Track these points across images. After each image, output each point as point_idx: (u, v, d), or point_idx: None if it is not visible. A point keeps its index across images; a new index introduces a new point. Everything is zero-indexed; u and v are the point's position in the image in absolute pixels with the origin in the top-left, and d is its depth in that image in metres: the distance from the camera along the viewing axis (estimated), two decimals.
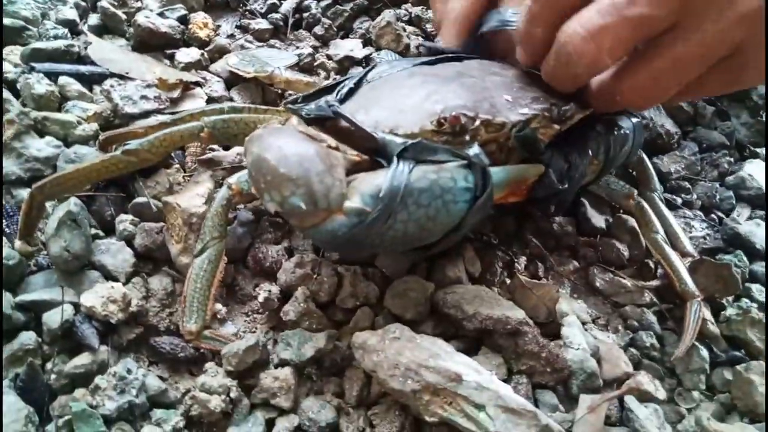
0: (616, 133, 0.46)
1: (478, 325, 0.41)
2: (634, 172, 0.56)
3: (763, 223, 0.54)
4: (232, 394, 0.36)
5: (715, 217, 0.56)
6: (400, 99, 0.42)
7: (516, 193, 0.42)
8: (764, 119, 0.63)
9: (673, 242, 0.50)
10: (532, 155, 0.42)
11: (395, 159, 0.36)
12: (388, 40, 0.64)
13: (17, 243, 0.41)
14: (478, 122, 0.39)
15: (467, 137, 0.40)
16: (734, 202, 0.57)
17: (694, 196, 0.57)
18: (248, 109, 0.48)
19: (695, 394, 0.43)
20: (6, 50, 0.53)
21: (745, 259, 0.51)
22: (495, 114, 0.40)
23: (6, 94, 0.48)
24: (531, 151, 0.42)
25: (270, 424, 0.37)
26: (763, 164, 0.59)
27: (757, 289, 0.49)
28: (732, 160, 0.61)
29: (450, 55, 0.48)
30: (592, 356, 0.42)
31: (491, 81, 0.43)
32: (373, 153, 0.39)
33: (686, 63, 0.36)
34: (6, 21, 0.53)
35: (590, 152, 0.44)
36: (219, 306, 0.42)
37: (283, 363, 0.39)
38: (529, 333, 0.41)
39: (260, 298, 0.41)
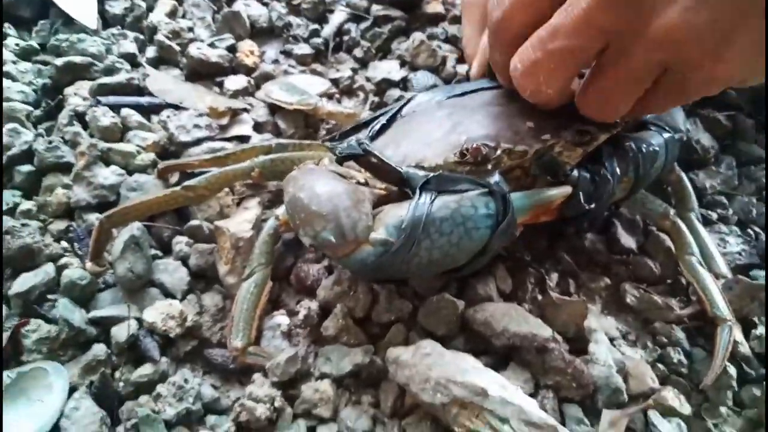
0: (645, 150, 0.47)
1: (506, 342, 0.43)
2: (669, 189, 0.57)
3: None
4: (277, 404, 0.40)
5: (751, 232, 0.56)
6: (428, 132, 0.45)
7: (546, 213, 0.44)
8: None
9: (708, 263, 0.50)
10: (556, 178, 0.43)
11: (417, 191, 0.39)
12: (424, 58, 0.67)
13: (88, 264, 0.46)
14: (499, 151, 0.42)
15: (490, 166, 0.42)
16: None
17: (731, 212, 0.57)
18: (293, 146, 0.51)
19: (722, 409, 0.44)
20: (75, 86, 0.58)
21: None
22: (517, 142, 0.42)
23: (77, 127, 0.53)
24: (554, 174, 0.44)
25: (312, 431, 0.41)
26: None
27: None
28: None
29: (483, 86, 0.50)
30: (618, 372, 0.43)
31: (516, 108, 0.45)
32: (401, 184, 0.42)
33: (623, 82, 0.37)
34: (75, 58, 0.59)
35: (618, 171, 0.45)
36: (283, 318, 0.46)
37: (323, 376, 0.42)
38: (556, 350, 0.43)
39: (301, 315, 0.45)
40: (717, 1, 0.33)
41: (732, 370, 0.45)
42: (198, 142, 0.55)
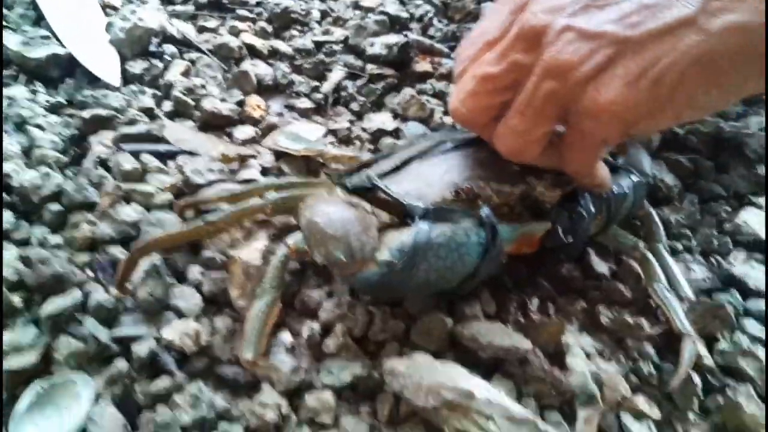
0: (616, 192, 0.53)
1: (491, 354, 0.47)
2: (639, 223, 0.63)
3: (757, 265, 0.59)
4: (283, 410, 0.44)
5: (713, 261, 0.62)
6: (426, 174, 0.52)
7: (528, 245, 0.50)
8: (765, 169, 0.69)
9: (674, 288, 0.55)
10: (539, 216, 0.50)
11: (418, 220, 0.44)
12: (414, 110, 0.74)
13: (114, 292, 0.50)
14: (488, 191, 0.48)
15: (481, 203, 0.48)
16: (731, 246, 0.63)
17: (694, 243, 0.63)
18: (301, 184, 0.57)
19: (690, 415, 0.48)
20: (99, 135, 0.65)
21: (738, 297, 0.57)
22: (503, 183, 0.49)
23: (101, 171, 0.59)
24: (536, 212, 0.50)
25: None
26: (758, 212, 0.65)
27: (749, 324, 0.54)
28: (729, 209, 0.66)
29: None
30: (594, 382, 0.48)
31: None
32: (403, 216, 0.48)
33: (526, 118, 0.42)
34: (100, 111, 0.65)
35: (593, 209, 0.51)
36: (287, 336, 0.50)
37: (325, 387, 0.46)
38: (536, 361, 0.47)
39: (304, 334, 0.49)
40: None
41: (697, 380, 0.49)
42: (211, 184, 0.61)
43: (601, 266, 0.58)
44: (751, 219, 0.64)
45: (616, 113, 0.39)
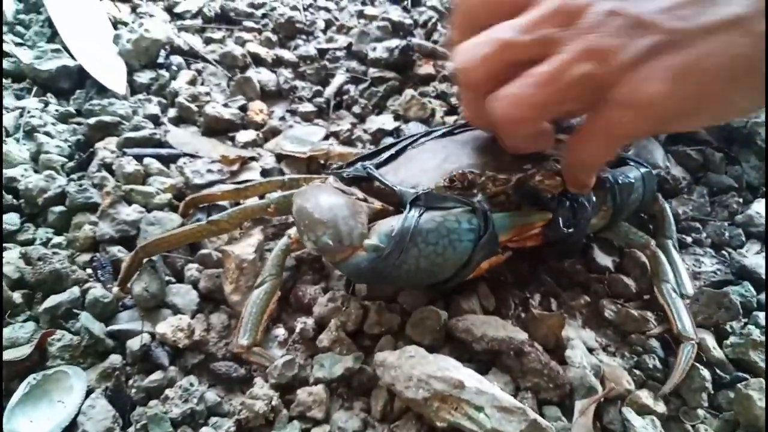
0: (621, 182, 0.52)
1: (485, 347, 0.46)
2: (645, 216, 0.61)
3: None
4: (274, 402, 0.43)
5: (725, 253, 0.60)
6: (423, 162, 0.51)
7: (531, 238, 0.49)
8: (765, 167, 0.66)
9: (678, 285, 0.53)
10: (536, 205, 0.48)
11: (408, 206, 0.44)
12: (415, 110, 0.74)
13: (114, 289, 0.51)
14: (484, 178, 0.47)
15: (476, 191, 0.47)
16: (744, 239, 0.60)
17: (704, 235, 0.61)
18: (304, 180, 0.57)
19: (700, 412, 0.46)
20: (105, 141, 0.66)
21: (752, 289, 0.54)
22: (500, 170, 0.48)
23: (104, 173, 0.60)
24: (533, 201, 0.48)
25: None
26: None
27: (763, 317, 0.52)
28: (741, 200, 0.64)
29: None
30: (595, 375, 0.46)
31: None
32: (397, 205, 0.47)
33: (545, 93, 0.39)
34: (106, 118, 0.67)
35: (594, 200, 0.50)
36: (281, 331, 0.50)
37: (317, 381, 0.46)
38: (533, 353, 0.46)
39: (297, 329, 0.49)
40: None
41: (706, 374, 0.47)
42: (210, 184, 0.61)
43: (605, 260, 0.57)
44: (763, 210, 0.61)
45: (656, 108, 0.37)
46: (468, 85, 0.44)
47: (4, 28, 0.79)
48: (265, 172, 0.66)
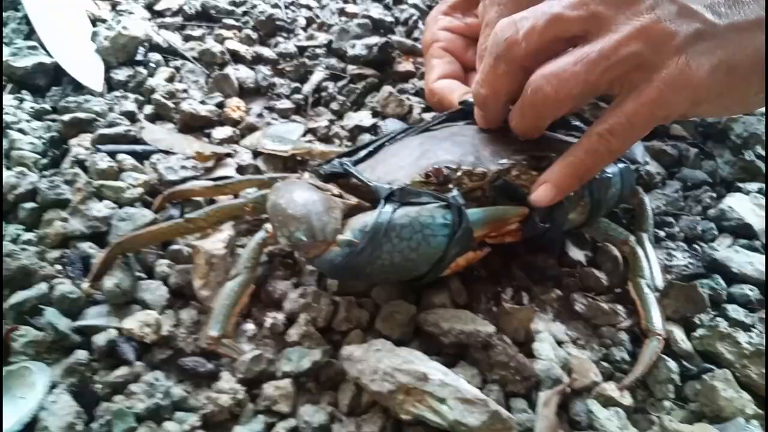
0: (598, 176, 0.52)
1: (453, 340, 0.46)
2: (619, 212, 0.62)
3: (741, 250, 0.57)
4: (240, 396, 0.43)
5: (697, 247, 0.60)
6: (400, 158, 0.51)
7: (510, 234, 0.49)
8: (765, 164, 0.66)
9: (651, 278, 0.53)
10: (513, 200, 0.48)
11: (382, 201, 0.44)
12: (393, 107, 0.74)
13: (84, 285, 0.50)
14: (459, 173, 0.47)
15: (451, 186, 0.47)
16: (716, 232, 0.61)
17: (677, 229, 0.61)
18: (280, 178, 0.56)
19: (666, 403, 0.46)
20: (79, 138, 0.66)
21: (722, 282, 0.55)
22: (476, 165, 0.48)
23: (77, 169, 0.60)
24: (509, 196, 0.48)
25: (271, 426, 0.44)
26: (744, 197, 0.63)
27: (732, 309, 0.52)
28: (715, 195, 0.64)
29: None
30: (562, 368, 0.46)
31: (480, 138, 0.51)
32: (373, 201, 0.47)
33: (595, 70, 0.40)
34: (80, 114, 0.67)
35: (572, 193, 0.50)
36: (251, 326, 0.50)
37: (284, 375, 0.46)
38: (499, 345, 0.46)
39: (267, 324, 0.49)
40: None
41: (673, 365, 0.47)
42: (184, 180, 0.61)
43: (578, 254, 0.57)
44: (735, 204, 0.62)
45: (698, 90, 0.40)
46: (506, 58, 0.44)
47: None
48: (240, 169, 0.66)
